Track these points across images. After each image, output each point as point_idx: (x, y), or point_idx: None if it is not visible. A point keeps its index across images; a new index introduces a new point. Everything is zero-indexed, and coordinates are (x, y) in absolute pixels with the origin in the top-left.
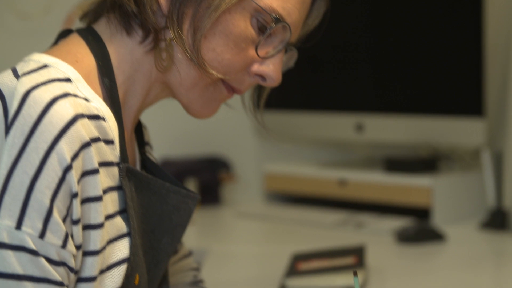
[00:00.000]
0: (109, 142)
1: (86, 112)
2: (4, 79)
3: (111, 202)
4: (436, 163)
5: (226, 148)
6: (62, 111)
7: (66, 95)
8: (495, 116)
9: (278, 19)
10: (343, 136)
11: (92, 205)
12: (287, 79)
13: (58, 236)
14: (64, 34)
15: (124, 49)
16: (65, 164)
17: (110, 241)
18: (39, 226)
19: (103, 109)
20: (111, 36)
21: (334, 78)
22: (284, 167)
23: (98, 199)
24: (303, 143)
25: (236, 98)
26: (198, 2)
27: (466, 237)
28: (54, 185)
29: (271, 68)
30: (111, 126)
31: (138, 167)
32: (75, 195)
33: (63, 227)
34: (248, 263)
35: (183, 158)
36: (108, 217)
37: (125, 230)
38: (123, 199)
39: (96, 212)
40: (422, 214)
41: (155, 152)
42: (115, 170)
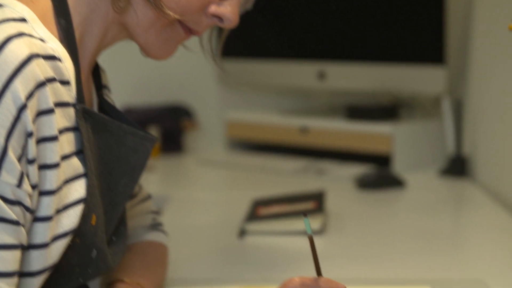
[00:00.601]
0: (65, 83)
1: (42, 52)
2: None
3: (67, 142)
4: (397, 111)
5: (189, 96)
6: (17, 51)
7: (21, 34)
8: (456, 64)
9: None
10: (305, 84)
11: (48, 144)
12: (250, 26)
13: (13, 175)
14: None
15: None
16: (19, 103)
17: (67, 181)
18: None
19: (59, 49)
20: None
21: (296, 26)
22: (246, 115)
23: (54, 139)
24: (265, 91)
25: (197, 45)
26: None
27: (426, 183)
28: (8, 124)
29: (229, 9)
30: (67, 67)
31: (96, 110)
32: (30, 135)
33: (18, 166)
34: (209, 209)
35: (145, 106)
36: (64, 157)
37: (81, 170)
38: (80, 140)
39: (51, 152)
40: (382, 161)
41: (117, 100)
42: (71, 111)
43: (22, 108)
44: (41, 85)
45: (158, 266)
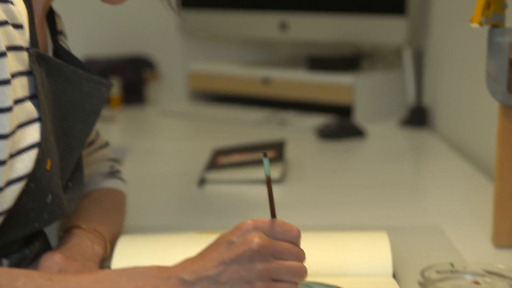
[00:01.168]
0: (18, 27)
1: None
2: None
3: (21, 86)
4: (358, 62)
5: (150, 47)
6: None
7: None
8: (416, 15)
9: None
10: (267, 35)
11: (0, 88)
12: None
13: None
14: None
15: None
16: None
17: (20, 125)
18: None
19: None
20: None
21: None
22: (208, 66)
23: (6, 82)
24: (227, 42)
25: None
26: None
27: (386, 133)
28: None
29: None
30: (20, 10)
31: (51, 55)
32: None
33: None
34: (170, 159)
35: (107, 57)
36: (17, 101)
37: (35, 115)
38: (34, 85)
39: (4, 95)
40: (344, 111)
41: (77, 51)
42: (25, 55)
43: None
44: None
45: (116, 213)
